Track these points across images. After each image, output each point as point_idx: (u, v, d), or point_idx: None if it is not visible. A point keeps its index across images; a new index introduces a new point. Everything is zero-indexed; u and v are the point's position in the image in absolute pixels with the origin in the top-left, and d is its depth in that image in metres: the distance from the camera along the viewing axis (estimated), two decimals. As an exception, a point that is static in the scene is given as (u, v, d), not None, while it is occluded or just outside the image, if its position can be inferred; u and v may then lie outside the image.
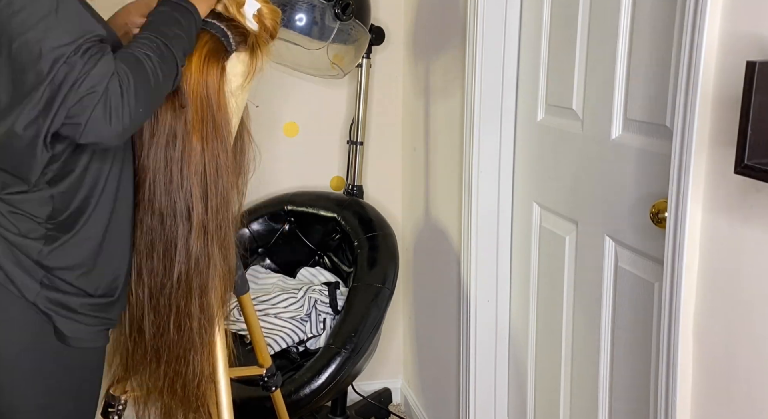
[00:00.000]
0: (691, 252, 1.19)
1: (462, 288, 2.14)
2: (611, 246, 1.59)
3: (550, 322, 1.87)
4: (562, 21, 1.74)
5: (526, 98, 1.94)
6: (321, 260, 2.50)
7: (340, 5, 2.06)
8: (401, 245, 2.48)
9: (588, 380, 1.69)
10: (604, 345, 1.62)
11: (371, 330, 2.14)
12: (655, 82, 1.42)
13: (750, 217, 1.08)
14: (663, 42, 1.38)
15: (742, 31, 1.08)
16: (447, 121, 2.25)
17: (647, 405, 1.46)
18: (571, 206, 1.73)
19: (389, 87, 2.66)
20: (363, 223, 2.36)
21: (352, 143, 2.52)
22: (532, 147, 1.92)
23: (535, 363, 1.97)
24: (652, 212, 1.38)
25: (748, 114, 0.94)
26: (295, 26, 2.06)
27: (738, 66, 1.06)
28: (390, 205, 2.72)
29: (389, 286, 2.22)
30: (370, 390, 2.77)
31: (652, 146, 1.43)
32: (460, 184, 2.11)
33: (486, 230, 2.05)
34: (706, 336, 1.19)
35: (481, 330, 2.09)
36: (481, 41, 1.94)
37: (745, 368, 1.11)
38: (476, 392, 2.13)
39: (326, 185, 2.70)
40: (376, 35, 2.39)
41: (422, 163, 2.50)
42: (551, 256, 1.84)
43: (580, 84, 1.68)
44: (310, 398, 2.04)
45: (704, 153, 1.15)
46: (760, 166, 0.94)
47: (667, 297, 1.23)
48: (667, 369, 1.23)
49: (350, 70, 2.34)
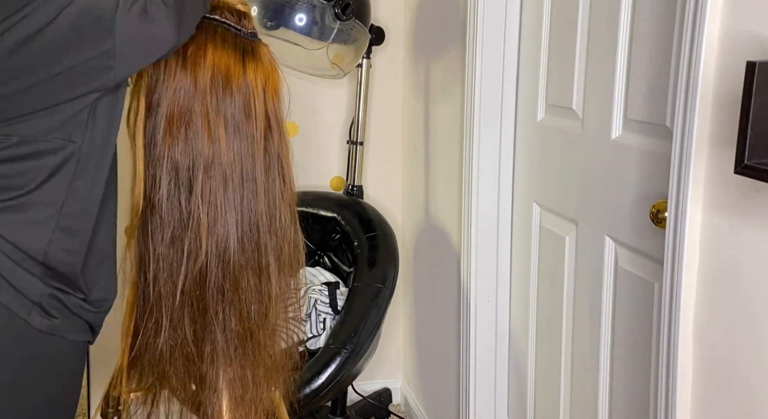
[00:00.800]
0: (691, 252, 1.19)
1: (462, 288, 2.14)
2: (611, 246, 1.59)
3: (550, 322, 1.86)
4: (562, 21, 1.74)
5: (526, 98, 1.94)
6: (321, 260, 2.50)
7: (340, 5, 2.06)
8: (401, 245, 2.48)
9: (588, 380, 1.69)
10: (604, 345, 1.62)
11: (371, 330, 2.14)
12: (655, 83, 1.41)
13: (750, 217, 1.08)
14: (663, 42, 1.38)
15: (742, 31, 1.08)
16: (447, 121, 2.25)
17: (647, 405, 1.46)
18: (571, 206, 1.73)
19: (389, 87, 2.66)
20: (363, 223, 2.36)
21: (352, 143, 2.52)
22: (532, 147, 1.92)
23: (535, 363, 1.97)
24: (652, 212, 1.38)
25: (748, 114, 0.94)
26: (295, 26, 2.06)
27: (738, 66, 1.06)
28: (390, 205, 2.72)
29: (389, 286, 2.22)
30: (370, 390, 2.77)
31: (652, 146, 1.43)
32: (460, 184, 2.11)
33: (486, 230, 2.04)
34: (706, 336, 1.19)
35: (481, 330, 2.09)
36: (481, 41, 1.94)
37: (745, 368, 1.11)
38: (476, 392, 2.13)
39: (326, 185, 2.70)
40: (376, 35, 2.39)
41: (422, 163, 2.50)
42: (551, 256, 1.84)
43: (580, 84, 1.68)
44: (310, 398, 2.04)
45: (704, 153, 1.15)
46: (760, 166, 0.94)
47: (667, 297, 1.23)
48: (667, 369, 1.23)
49: (350, 70, 2.34)
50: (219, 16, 1.30)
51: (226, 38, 1.28)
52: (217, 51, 1.27)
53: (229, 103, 1.27)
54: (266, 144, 1.31)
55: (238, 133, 1.28)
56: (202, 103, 1.26)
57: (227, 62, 1.27)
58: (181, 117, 1.25)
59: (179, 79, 1.25)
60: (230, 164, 1.28)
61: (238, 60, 1.28)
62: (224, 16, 1.30)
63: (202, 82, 1.25)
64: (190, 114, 1.25)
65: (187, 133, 1.26)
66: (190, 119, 1.26)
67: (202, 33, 1.28)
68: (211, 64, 1.26)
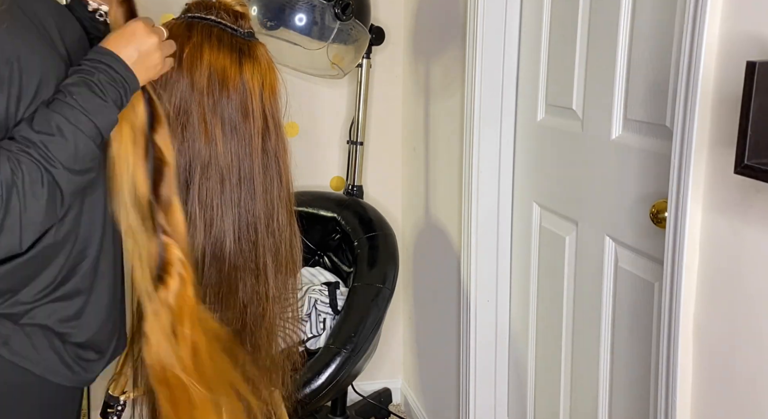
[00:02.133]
0: (691, 252, 1.19)
1: (462, 288, 2.14)
2: (611, 246, 1.59)
3: (550, 322, 1.86)
4: (562, 21, 1.74)
5: (526, 98, 1.94)
6: (321, 260, 2.50)
7: (340, 5, 2.06)
8: (401, 245, 2.48)
9: (588, 380, 1.69)
10: (604, 345, 1.62)
11: (371, 330, 2.14)
12: (655, 83, 1.41)
13: (750, 217, 1.08)
14: (663, 42, 1.38)
15: (742, 31, 1.08)
16: (447, 121, 2.25)
17: (647, 405, 1.46)
18: (571, 206, 1.73)
19: (389, 87, 2.66)
20: (363, 223, 2.36)
21: (352, 143, 2.52)
22: (532, 147, 1.92)
23: (535, 363, 1.97)
24: (652, 212, 1.38)
25: (748, 114, 0.94)
26: (295, 26, 2.06)
27: (738, 66, 1.06)
28: (390, 205, 2.72)
29: (389, 286, 2.22)
30: (370, 390, 2.77)
31: (652, 146, 1.43)
32: (460, 184, 2.11)
33: (486, 230, 2.04)
34: (706, 336, 1.19)
35: (481, 330, 2.09)
36: (481, 41, 1.94)
37: (746, 367, 1.11)
38: (476, 392, 2.13)
39: (326, 185, 2.70)
40: (376, 35, 2.39)
41: (422, 163, 2.50)
42: (551, 256, 1.84)
43: (580, 84, 1.68)
44: (310, 398, 2.04)
45: (704, 153, 1.15)
46: (760, 166, 0.94)
47: (667, 297, 1.23)
48: (667, 369, 1.23)
49: (350, 70, 2.34)
50: (215, 16, 1.30)
51: (222, 39, 1.28)
52: (213, 52, 1.27)
53: (226, 103, 1.27)
54: (264, 144, 1.31)
55: (235, 133, 1.28)
56: (199, 104, 1.25)
57: (223, 63, 1.27)
58: (178, 118, 1.25)
59: (175, 80, 1.25)
60: (227, 165, 1.28)
61: (235, 60, 1.28)
62: (220, 17, 1.30)
63: (198, 83, 1.25)
64: (187, 116, 1.25)
65: (184, 134, 1.26)
66: (186, 121, 1.26)
67: (198, 34, 1.28)
68: (207, 65, 1.26)
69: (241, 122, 1.28)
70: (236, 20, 1.31)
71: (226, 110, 1.27)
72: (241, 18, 1.32)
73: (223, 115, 1.27)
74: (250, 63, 1.29)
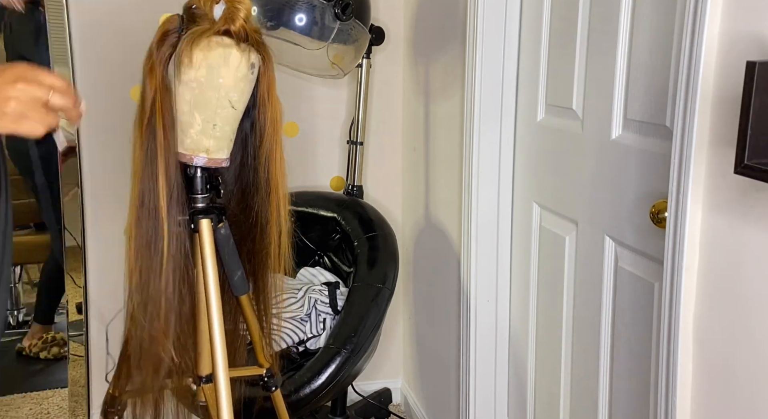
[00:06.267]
0: (691, 252, 1.19)
1: (462, 288, 2.14)
2: (611, 246, 1.59)
3: (550, 322, 1.87)
4: (562, 21, 1.74)
5: (526, 98, 1.94)
6: (321, 260, 2.50)
7: (340, 5, 2.06)
8: (401, 245, 2.48)
9: (588, 380, 1.69)
10: (604, 345, 1.62)
11: (371, 329, 2.14)
12: (655, 83, 1.41)
13: (750, 217, 1.08)
14: (663, 42, 1.38)
15: (742, 31, 1.08)
16: (447, 121, 2.25)
17: (647, 405, 1.46)
18: (571, 206, 1.73)
19: (389, 87, 2.66)
20: (363, 223, 2.36)
21: (352, 143, 2.52)
22: (532, 147, 1.92)
23: (535, 363, 1.97)
24: (652, 212, 1.38)
25: (748, 114, 0.94)
26: (295, 26, 2.06)
27: (738, 66, 1.06)
28: (390, 205, 2.72)
29: (389, 286, 2.22)
30: (370, 390, 2.77)
31: (652, 146, 1.43)
32: (460, 184, 2.11)
33: (486, 230, 2.05)
34: (706, 336, 1.19)
35: (481, 330, 2.09)
36: (481, 41, 1.94)
37: (746, 368, 1.11)
38: (476, 392, 2.13)
39: (326, 185, 2.70)
40: (376, 35, 2.39)
41: (422, 163, 2.50)
42: (551, 256, 1.84)
43: (580, 84, 1.68)
44: (310, 398, 2.04)
45: (704, 153, 1.15)
46: (760, 166, 0.94)
47: (667, 297, 1.23)
48: (667, 369, 1.23)
49: (350, 70, 2.34)
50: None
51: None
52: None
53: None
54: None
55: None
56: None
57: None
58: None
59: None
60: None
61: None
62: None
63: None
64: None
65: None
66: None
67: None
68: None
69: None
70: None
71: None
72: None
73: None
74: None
